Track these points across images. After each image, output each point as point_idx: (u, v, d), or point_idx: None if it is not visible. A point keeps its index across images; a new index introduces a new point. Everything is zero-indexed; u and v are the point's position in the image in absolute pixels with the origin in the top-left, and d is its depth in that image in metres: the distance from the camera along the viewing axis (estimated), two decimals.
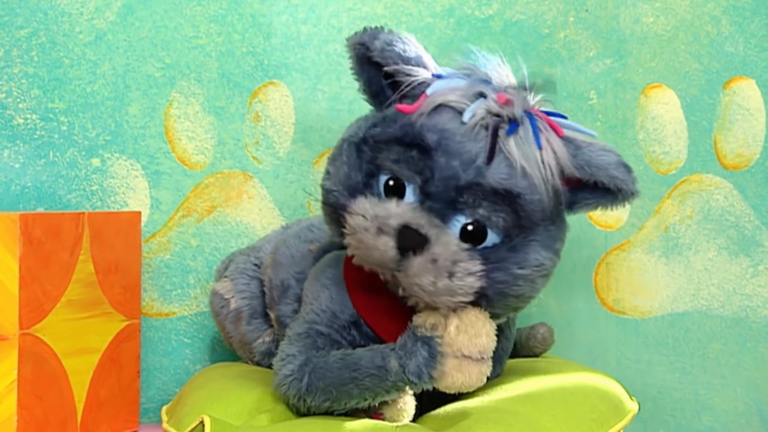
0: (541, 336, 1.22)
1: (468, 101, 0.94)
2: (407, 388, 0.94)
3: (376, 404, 0.97)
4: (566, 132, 0.97)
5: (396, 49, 0.97)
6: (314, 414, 0.98)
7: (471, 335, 0.91)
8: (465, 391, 0.93)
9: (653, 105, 1.46)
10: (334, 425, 0.94)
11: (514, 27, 1.45)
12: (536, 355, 1.23)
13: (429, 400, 1.03)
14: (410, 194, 0.94)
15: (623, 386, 1.11)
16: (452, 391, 0.94)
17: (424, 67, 0.98)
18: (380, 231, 0.91)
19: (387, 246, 0.91)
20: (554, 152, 0.94)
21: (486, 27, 1.44)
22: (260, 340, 1.20)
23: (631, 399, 1.10)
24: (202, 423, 0.97)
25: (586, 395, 1.05)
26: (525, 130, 0.93)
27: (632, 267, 1.47)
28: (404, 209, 0.92)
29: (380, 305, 1.01)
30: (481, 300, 0.93)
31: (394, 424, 0.96)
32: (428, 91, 0.95)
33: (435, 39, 1.43)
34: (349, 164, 0.97)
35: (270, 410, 1.00)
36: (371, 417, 0.99)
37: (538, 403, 1.01)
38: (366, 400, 0.95)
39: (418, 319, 0.94)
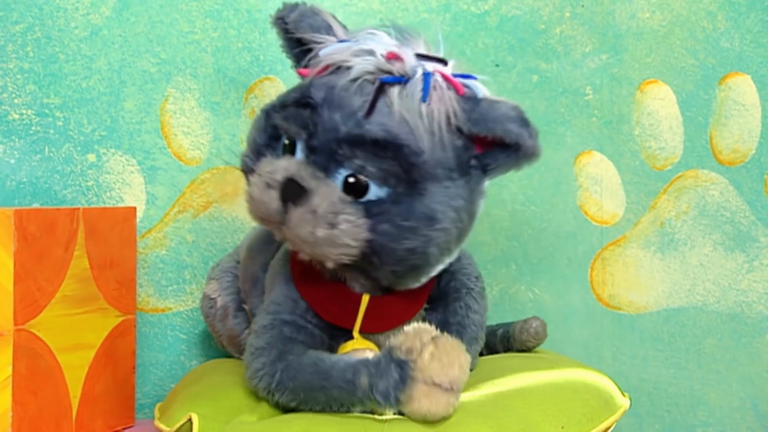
0: (534, 330, 1.22)
1: (356, 58, 0.96)
2: (374, 406, 0.94)
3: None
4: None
5: (307, 20, 1.01)
6: (285, 408, 0.99)
7: (444, 364, 0.90)
8: (430, 419, 0.92)
9: (649, 100, 1.46)
10: (322, 420, 0.94)
11: (510, 22, 1.45)
12: (529, 350, 1.23)
13: None
14: (299, 151, 0.97)
15: (615, 382, 1.11)
16: (417, 419, 0.93)
17: (334, 35, 1.00)
18: (267, 185, 0.94)
19: (271, 198, 0.93)
20: (445, 106, 0.94)
21: (482, 22, 1.44)
22: (247, 331, 1.20)
23: (623, 395, 1.10)
24: (190, 420, 0.97)
25: (577, 390, 1.05)
26: (413, 85, 0.94)
27: (628, 262, 1.47)
28: (290, 164, 0.94)
29: (318, 287, 1.03)
30: (372, 256, 0.94)
31: (383, 417, 0.96)
32: (321, 53, 0.98)
33: (431, 34, 1.42)
34: (256, 129, 1.00)
35: (259, 407, 1.00)
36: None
37: (529, 398, 1.01)
38: (332, 408, 0.96)
39: (395, 341, 0.94)
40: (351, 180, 0.94)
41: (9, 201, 1.37)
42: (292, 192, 0.92)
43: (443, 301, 1.09)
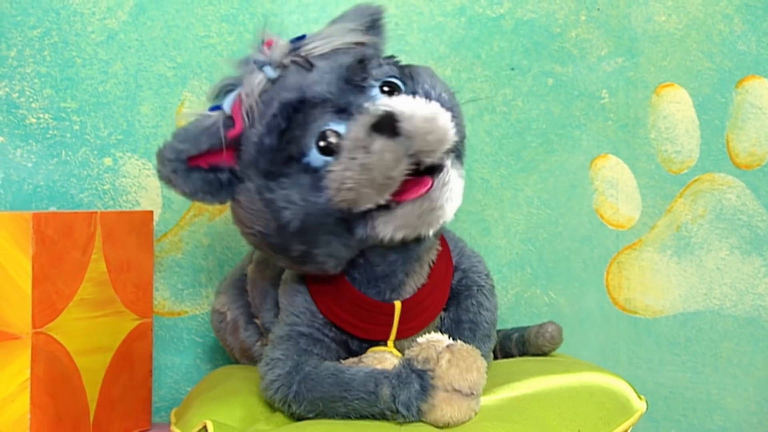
0: (550, 334, 1.22)
1: (258, 76, 0.97)
2: (395, 417, 0.94)
3: None
4: None
5: (190, 130, 0.97)
6: (299, 417, 0.99)
7: (462, 369, 0.91)
8: (453, 425, 0.93)
9: (665, 104, 1.46)
10: (339, 426, 0.94)
11: (526, 26, 1.45)
12: (545, 354, 1.23)
13: None
14: (338, 126, 0.95)
15: (631, 385, 1.11)
16: (440, 426, 0.93)
17: (206, 116, 0.98)
18: (366, 148, 0.90)
19: (383, 142, 0.90)
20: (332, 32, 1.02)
21: (497, 26, 1.44)
22: (259, 343, 1.21)
23: (639, 398, 1.10)
24: (205, 427, 0.97)
25: (593, 394, 1.05)
26: (306, 39, 1.01)
27: (644, 266, 1.46)
28: (354, 127, 0.93)
29: (344, 305, 1.02)
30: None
31: (400, 422, 0.96)
32: (227, 107, 0.97)
33: (446, 38, 1.43)
34: (288, 186, 0.94)
35: (274, 415, 1.01)
36: None
37: (545, 401, 1.01)
38: (350, 419, 0.95)
39: (411, 353, 0.95)
40: (386, 88, 0.98)
41: (26, 204, 1.38)
42: (387, 122, 0.91)
43: (455, 299, 1.09)
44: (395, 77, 0.99)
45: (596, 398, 1.04)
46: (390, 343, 1.02)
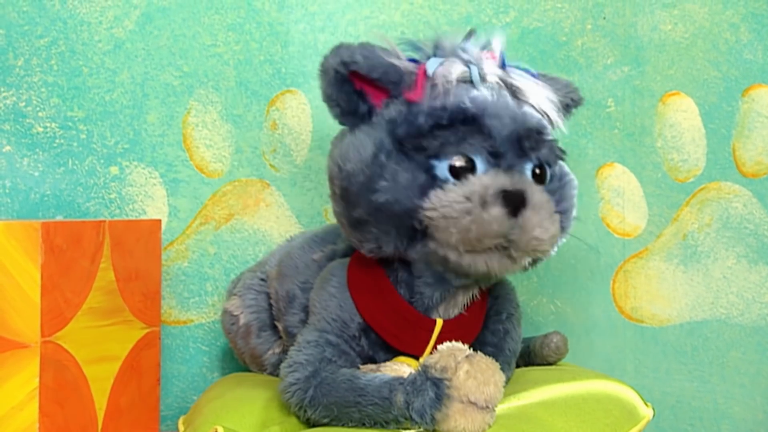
0: (555, 345, 1.22)
1: (466, 68, 0.99)
2: (409, 425, 0.93)
3: None
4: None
5: (376, 54, 0.98)
6: (314, 424, 0.99)
7: (480, 382, 0.91)
8: None
9: (671, 113, 1.46)
10: None
11: (532, 35, 1.45)
12: (550, 364, 1.23)
13: None
14: (481, 164, 0.96)
15: (638, 392, 1.10)
16: None
17: (398, 56, 1.00)
18: (485, 204, 0.92)
19: (499, 214, 0.92)
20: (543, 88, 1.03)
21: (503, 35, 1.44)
22: (270, 352, 1.21)
23: (646, 405, 1.09)
24: None
25: (600, 401, 1.05)
26: (517, 72, 1.03)
27: (650, 275, 1.46)
28: (492, 177, 0.94)
29: (386, 311, 1.02)
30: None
31: (414, 429, 0.96)
32: (429, 72, 0.98)
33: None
34: (403, 168, 0.96)
35: (284, 420, 1.00)
36: None
37: (552, 408, 1.01)
38: (365, 426, 0.95)
39: (430, 360, 0.94)
40: (537, 171, 1.00)
41: (33, 213, 1.38)
42: (517, 199, 0.93)
43: (484, 322, 1.09)
44: (550, 166, 1.02)
45: (603, 405, 1.04)
46: (422, 359, 1.02)
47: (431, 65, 0.98)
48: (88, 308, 1.12)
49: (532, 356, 1.22)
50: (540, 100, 1.01)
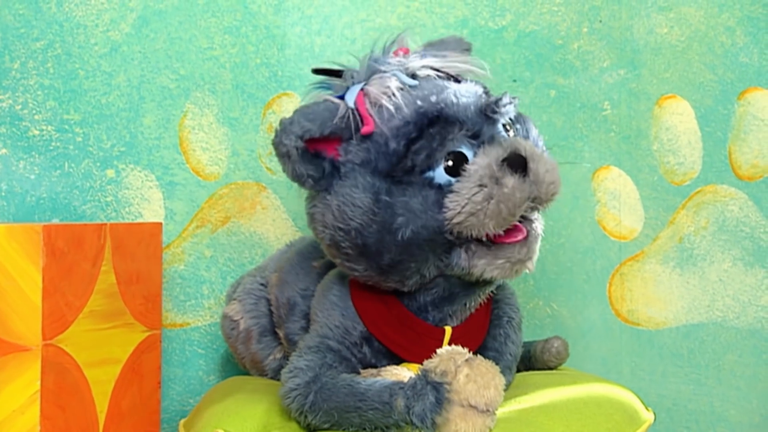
0: (556, 350, 1.22)
1: (393, 78, 0.99)
2: (410, 429, 0.93)
3: None
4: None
5: (317, 112, 0.97)
6: (314, 428, 0.98)
7: (480, 386, 0.90)
8: None
9: (667, 116, 1.46)
10: None
11: (528, 38, 1.45)
12: (551, 369, 1.23)
13: None
14: (468, 150, 0.97)
15: (638, 396, 1.11)
16: None
17: (331, 102, 0.99)
18: (498, 180, 0.93)
19: (515, 181, 0.93)
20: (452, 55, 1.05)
21: (499, 38, 1.44)
22: (271, 357, 1.20)
23: (647, 409, 1.10)
24: None
25: (601, 405, 1.04)
26: (431, 55, 1.04)
27: (646, 278, 1.46)
28: (485, 155, 0.95)
29: (391, 321, 1.02)
30: None
31: None
32: (367, 106, 0.98)
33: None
34: (409, 196, 0.95)
35: (284, 425, 1.00)
36: None
37: (552, 413, 1.01)
38: (365, 430, 0.95)
39: (429, 364, 0.94)
40: (507, 127, 1.01)
41: (29, 216, 1.37)
42: (518, 161, 0.94)
43: None
44: (512, 118, 1.03)
45: (604, 409, 1.04)
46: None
47: (351, 95, 0.98)
48: (89, 311, 1.12)
49: (533, 361, 1.22)
50: (464, 66, 1.03)
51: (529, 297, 1.45)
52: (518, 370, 1.22)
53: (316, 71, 1.05)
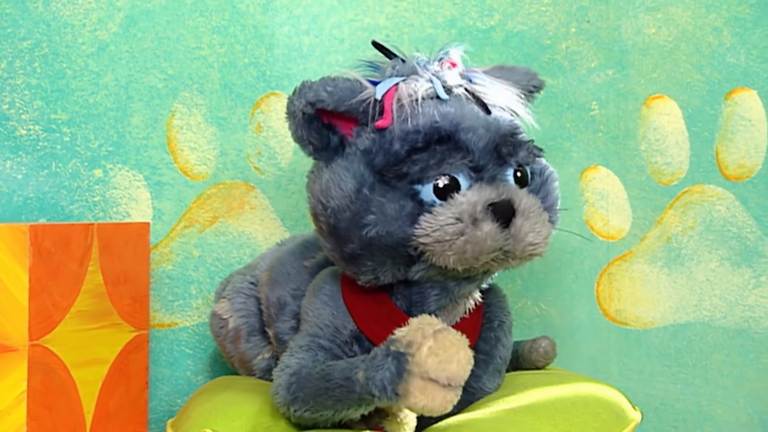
0: (543, 349, 1.22)
1: (429, 83, 0.98)
2: (374, 401, 0.92)
3: (357, 418, 0.97)
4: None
5: (339, 87, 0.97)
6: (303, 426, 0.98)
7: (442, 359, 0.87)
8: (428, 415, 0.90)
9: (655, 116, 1.47)
10: None
11: (516, 38, 1.45)
12: (538, 369, 1.23)
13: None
14: (463, 180, 0.96)
15: (626, 395, 1.11)
16: (415, 413, 0.93)
17: (360, 84, 0.99)
18: (476, 221, 0.92)
19: (492, 229, 0.92)
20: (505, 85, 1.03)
21: (488, 38, 1.44)
22: (260, 357, 1.20)
23: (634, 408, 1.10)
24: None
25: (588, 404, 1.05)
26: (479, 78, 1.02)
27: (634, 278, 1.47)
28: (477, 192, 0.94)
29: (380, 319, 1.02)
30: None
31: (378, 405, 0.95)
32: (379, 95, 0.97)
33: (437, 50, 1.43)
34: (388, 199, 0.95)
35: (272, 425, 1.00)
36: (373, 429, 0.98)
37: (539, 413, 1.01)
38: (339, 412, 0.95)
39: (398, 333, 0.92)
40: (519, 174, 1.00)
41: (16, 216, 1.37)
42: (505, 210, 0.93)
43: None
44: (531, 168, 1.02)
45: (591, 409, 1.04)
46: None
47: (382, 86, 0.98)
48: (76, 311, 1.12)
49: (521, 360, 1.22)
50: (506, 100, 1.01)
51: (518, 297, 1.46)
52: (506, 371, 1.22)
53: (375, 44, 1.04)
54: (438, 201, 0.95)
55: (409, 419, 0.99)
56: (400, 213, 0.94)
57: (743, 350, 1.47)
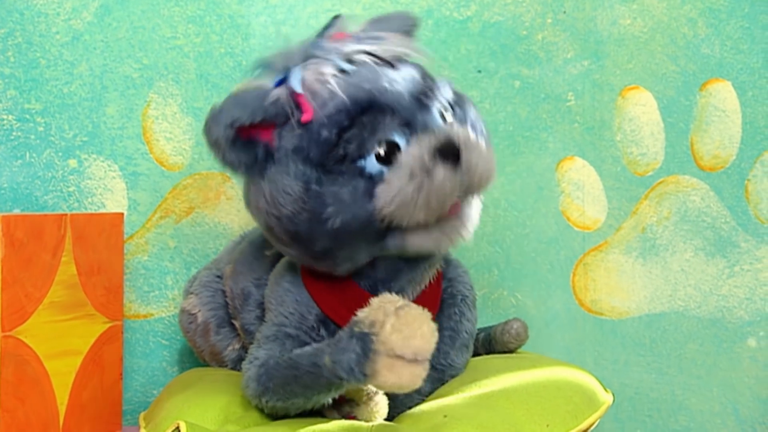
0: (515, 331, 1.22)
1: (328, 63, 0.98)
2: (343, 384, 0.91)
3: (326, 404, 0.97)
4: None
5: (248, 99, 0.96)
6: (275, 416, 0.98)
7: (405, 335, 0.86)
8: (398, 392, 0.90)
9: (630, 106, 1.47)
10: (307, 428, 0.94)
11: (492, 28, 1.45)
12: (511, 351, 1.23)
13: (404, 399, 1.04)
14: (400, 139, 0.96)
15: (597, 378, 1.11)
16: (385, 391, 0.94)
17: (263, 89, 0.98)
18: (428, 171, 0.92)
19: (445, 171, 0.92)
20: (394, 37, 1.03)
21: (464, 28, 1.44)
22: (230, 348, 1.20)
23: (606, 390, 1.10)
24: (178, 428, 0.96)
25: (560, 388, 1.05)
26: (369, 37, 1.02)
27: (610, 268, 1.47)
28: (417, 145, 0.94)
29: (343, 300, 1.02)
30: None
31: (369, 423, 0.95)
32: (302, 92, 0.96)
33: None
34: (339, 185, 0.95)
35: (244, 415, 1.00)
36: (344, 417, 0.98)
37: (513, 397, 1.01)
38: (310, 399, 0.94)
39: (360, 314, 0.91)
40: (442, 113, 1.00)
41: None
42: (450, 150, 0.93)
43: (440, 306, 1.09)
44: (450, 102, 1.02)
45: (563, 392, 1.05)
46: None
47: (295, 80, 0.97)
48: (49, 302, 1.11)
49: (493, 343, 1.23)
50: (402, 48, 1.01)
51: (494, 287, 1.46)
52: (479, 354, 1.23)
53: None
54: (384, 168, 0.94)
55: (380, 407, 0.99)
56: (356, 194, 0.94)
57: (717, 340, 1.48)
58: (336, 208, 0.94)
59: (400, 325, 0.87)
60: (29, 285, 1.08)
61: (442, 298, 1.09)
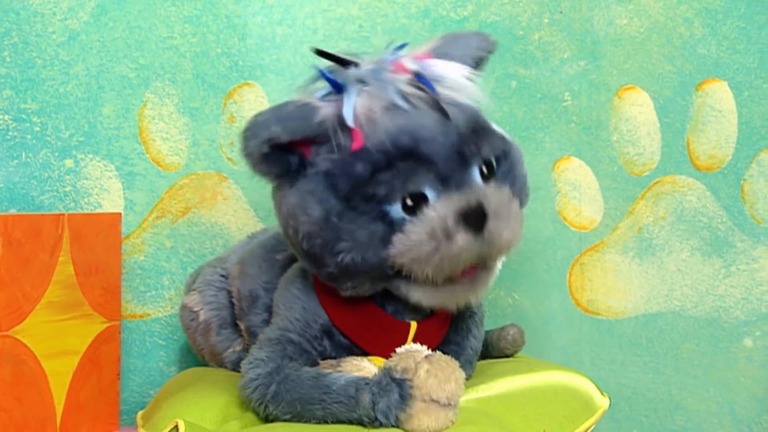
0: (512, 337, 1.22)
1: (382, 96, 0.94)
2: (373, 425, 0.93)
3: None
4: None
5: (290, 115, 0.94)
6: (270, 421, 0.98)
7: (440, 380, 0.91)
8: None
9: (627, 106, 1.47)
10: (308, 428, 0.94)
11: (489, 28, 1.45)
12: (507, 357, 1.24)
13: None
14: (431, 192, 0.94)
15: (594, 382, 1.11)
16: None
17: (312, 105, 0.95)
18: (449, 235, 0.91)
19: (466, 240, 0.91)
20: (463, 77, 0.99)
21: (461, 28, 1.44)
22: (231, 350, 1.20)
23: (602, 394, 1.11)
24: (176, 427, 0.96)
25: (557, 393, 1.06)
26: (431, 69, 0.98)
27: (606, 268, 1.47)
28: (446, 203, 0.92)
29: (353, 313, 1.02)
30: None
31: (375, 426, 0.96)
32: (351, 121, 0.93)
33: (410, 40, 1.42)
34: (359, 225, 0.93)
35: (242, 416, 1.00)
36: None
37: (509, 402, 1.02)
38: (326, 422, 0.95)
39: (390, 362, 0.94)
40: (485, 169, 0.98)
41: None
42: (477, 217, 0.91)
43: None
44: (497, 156, 0.99)
45: (560, 397, 1.05)
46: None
47: (348, 106, 0.94)
48: (47, 302, 1.11)
49: (490, 349, 1.23)
50: (462, 88, 0.98)
51: (491, 288, 1.45)
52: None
53: (319, 52, 0.99)
54: (408, 217, 0.93)
55: None
56: (372, 238, 0.93)
57: (713, 339, 1.48)
58: (350, 245, 0.93)
59: (434, 371, 0.91)
60: (27, 285, 1.08)
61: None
